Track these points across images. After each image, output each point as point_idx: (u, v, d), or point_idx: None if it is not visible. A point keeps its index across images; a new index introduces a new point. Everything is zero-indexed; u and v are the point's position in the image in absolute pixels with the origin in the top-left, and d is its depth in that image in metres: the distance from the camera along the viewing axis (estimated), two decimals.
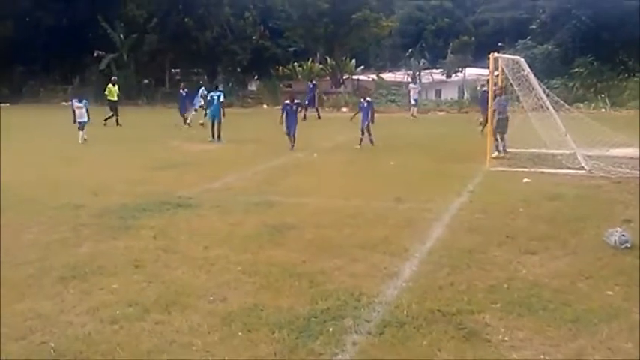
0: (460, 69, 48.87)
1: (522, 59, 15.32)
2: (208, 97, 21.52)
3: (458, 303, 6.02)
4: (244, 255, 7.78)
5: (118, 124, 25.72)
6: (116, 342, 5.29)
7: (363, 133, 18.16)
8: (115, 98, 26.53)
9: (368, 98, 19.22)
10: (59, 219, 9.78)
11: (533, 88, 14.79)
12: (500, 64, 15.32)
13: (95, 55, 36.69)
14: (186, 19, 38.92)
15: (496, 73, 15.43)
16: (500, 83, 16.17)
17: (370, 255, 7.67)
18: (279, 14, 42.36)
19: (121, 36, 37.40)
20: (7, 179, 12.81)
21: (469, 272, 6.97)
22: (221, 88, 22.06)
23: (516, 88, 14.84)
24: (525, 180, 12.55)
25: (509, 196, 11.01)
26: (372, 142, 18.21)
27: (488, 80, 15.51)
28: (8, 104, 31.21)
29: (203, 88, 26.13)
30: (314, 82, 30.34)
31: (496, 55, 14.94)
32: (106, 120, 25.72)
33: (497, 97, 15.40)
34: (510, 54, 21.60)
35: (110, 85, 27.14)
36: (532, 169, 13.55)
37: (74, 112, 20.09)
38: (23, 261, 7.57)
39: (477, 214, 9.72)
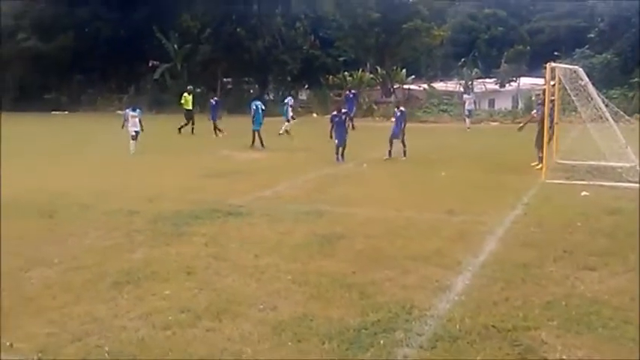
0: (514, 78, 47.98)
1: (580, 69, 14.90)
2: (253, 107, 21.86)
3: (513, 319, 5.85)
4: (294, 264, 7.77)
5: (192, 132, 26.10)
6: (168, 348, 5.35)
7: (391, 145, 17.89)
8: (190, 107, 27.21)
9: (401, 108, 19.04)
10: (114, 225, 10.00)
11: (591, 99, 14.35)
12: (557, 73, 14.95)
13: (150, 64, 37.65)
14: (238, 30, 39.53)
15: (552, 83, 15.04)
16: (557, 93, 15.78)
17: (422, 267, 7.55)
18: (330, 24, 42.53)
19: (175, 46, 38.30)
20: (65, 185, 13.21)
21: (524, 287, 6.77)
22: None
23: (574, 99, 14.44)
24: (584, 193, 12.16)
25: (567, 210, 10.68)
26: (404, 153, 17.94)
27: (544, 90, 15.13)
28: (67, 112, 32.24)
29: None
30: (353, 91, 29.99)
31: (553, 64, 14.57)
32: (180, 128, 26.21)
33: (538, 107, 15.08)
34: (567, 63, 21.13)
35: (185, 94, 27.90)
36: (591, 182, 13.12)
37: (126, 120, 20.45)
38: (81, 265, 7.76)
39: (533, 228, 9.45)
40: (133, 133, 19.69)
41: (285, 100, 26.89)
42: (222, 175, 15.10)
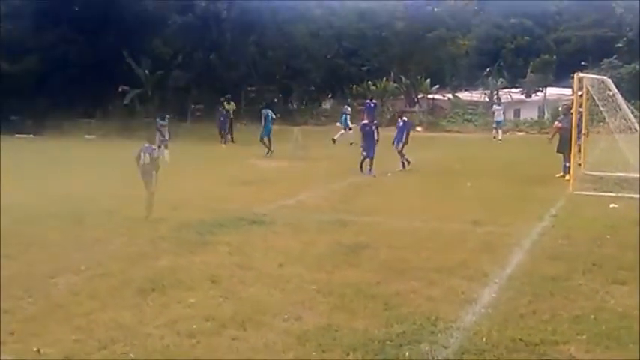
0: (540, 88, 47.43)
1: (608, 79, 14.69)
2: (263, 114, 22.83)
3: (541, 333, 5.75)
4: (318, 274, 7.74)
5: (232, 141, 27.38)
6: (194, 356, 5.36)
7: (402, 155, 17.81)
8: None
9: (404, 118, 18.94)
10: (139, 232, 10.08)
11: (620, 109, 14.14)
12: (585, 83, 14.72)
13: (120, 89, 37.22)
14: (211, 57, 39.30)
15: (580, 93, 14.85)
16: (584, 104, 15.55)
17: (448, 279, 7.47)
18: (354, 33, 42.52)
19: (146, 71, 37.74)
20: (90, 192, 13.38)
21: (552, 301, 6.66)
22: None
23: (602, 109, 14.23)
24: (612, 205, 11.96)
25: (595, 222, 10.51)
26: (403, 164, 17.85)
27: (571, 101, 14.94)
28: (32, 135, 32.19)
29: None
30: (374, 100, 29.38)
31: (580, 74, 14.40)
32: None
33: (562, 117, 14.93)
34: (595, 73, 20.85)
35: (225, 103, 29.24)
36: (619, 194, 12.89)
37: (159, 131, 20.47)
38: (106, 272, 7.82)
39: (560, 240, 9.31)
40: (162, 142, 19.70)
41: (343, 110, 27.52)
42: (246, 183, 15.14)
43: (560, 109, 25.96)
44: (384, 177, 16.65)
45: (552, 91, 49.39)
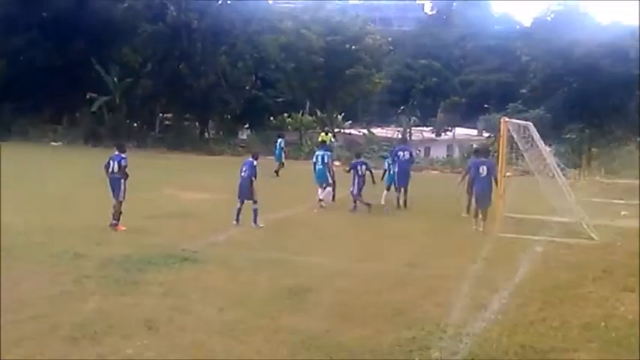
0: (450, 128, 49.37)
1: (531, 124, 15.30)
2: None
3: None
4: (264, 320, 7.37)
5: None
6: None
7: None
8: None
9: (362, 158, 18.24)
10: (60, 269, 9.28)
11: (541, 153, 14.74)
12: (504, 127, 15.00)
13: (87, 97, 36.38)
14: (181, 66, 38.97)
15: (487, 134, 15.35)
16: (502, 147, 15.99)
17: (395, 327, 7.30)
18: (273, 65, 42.64)
19: (115, 79, 37.20)
20: (27, 217, 12.37)
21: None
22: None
23: (525, 155, 14.74)
24: (537, 248, 12.28)
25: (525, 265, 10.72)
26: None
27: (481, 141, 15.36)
28: None
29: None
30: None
31: (506, 119, 14.90)
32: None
33: (473, 159, 15.38)
34: (502, 116, 21.59)
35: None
36: (542, 237, 13.29)
37: None
38: (26, 317, 7.06)
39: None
40: None
41: (278, 142, 26.12)
42: (171, 216, 14.43)
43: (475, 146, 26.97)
44: (310, 212, 16.41)
45: (460, 131, 51.57)
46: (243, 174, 13.86)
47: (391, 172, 17.64)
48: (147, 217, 14.02)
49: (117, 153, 13.09)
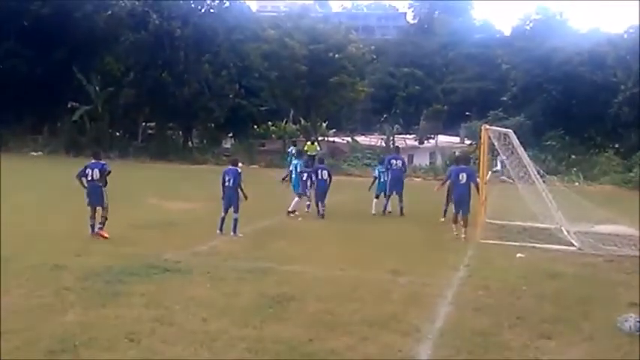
0: (432, 136, 49.67)
1: (511, 131, 15.43)
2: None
3: None
4: (247, 330, 7.33)
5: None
6: None
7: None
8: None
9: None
10: (39, 281, 9.17)
11: (521, 160, 14.86)
12: (485, 134, 15.10)
13: (69, 106, 36.10)
14: (163, 75, 38.85)
15: (469, 142, 15.48)
16: (483, 154, 16.10)
17: (380, 334, 7.30)
18: (257, 73, 42.66)
19: (97, 88, 36.99)
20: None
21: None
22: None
23: (506, 162, 14.87)
24: (519, 255, 12.37)
25: (508, 273, 10.78)
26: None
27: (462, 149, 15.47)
28: None
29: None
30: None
31: (487, 126, 15.02)
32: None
33: (453, 167, 15.56)
34: (482, 124, 21.76)
35: (309, 143, 30.23)
36: (523, 244, 13.39)
37: None
38: (4, 330, 6.96)
39: (480, 291, 9.44)
40: None
41: (290, 149, 26.32)
42: (154, 226, 14.32)
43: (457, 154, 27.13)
44: (295, 221, 16.39)
45: (443, 139, 51.93)
46: (227, 183, 13.80)
47: (382, 180, 17.75)
48: (129, 227, 13.91)
49: (94, 161, 13.13)
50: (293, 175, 17.88)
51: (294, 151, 26.00)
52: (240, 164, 14.55)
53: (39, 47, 35.70)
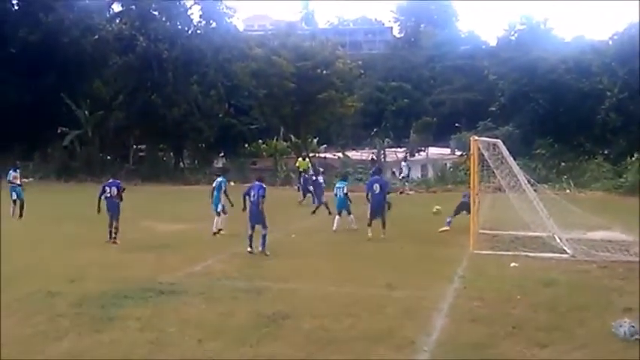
0: (423, 148, 49.84)
1: (500, 141, 15.55)
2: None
3: None
4: (243, 349, 7.34)
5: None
6: None
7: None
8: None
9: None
10: (33, 308, 9.12)
11: (511, 170, 14.97)
12: (474, 146, 15.19)
13: (59, 131, 36.08)
14: (153, 97, 38.94)
15: (459, 153, 15.63)
16: (473, 165, 16.20)
17: (375, 349, 7.31)
18: (245, 92, 42.81)
19: (86, 112, 37.04)
20: None
21: None
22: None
23: (496, 172, 14.96)
24: (513, 264, 12.42)
25: (503, 282, 10.81)
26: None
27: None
28: None
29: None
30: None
31: (476, 137, 15.13)
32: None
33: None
34: (472, 134, 21.92)
35: (300, 159, 30.00)
36: (516, 253, 13.44)
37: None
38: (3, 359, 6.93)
39: (475, 302, 9.46)
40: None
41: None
42: (147, 248, 14.29)
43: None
44: (288, 238, 16.38)
45: (434, 151, 52.08)
46: (252, 199, 13.78)
47: (338, 195, 17.64)
48: (122, 251, 13.90)
49: (111, 180, 15.82)
50: (339, 195, 17.77)
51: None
52: (263, 181, 14.60)
53: (27, 74, 35.77)
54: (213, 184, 17.62)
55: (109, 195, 15.15)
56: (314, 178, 23.65)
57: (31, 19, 36.35)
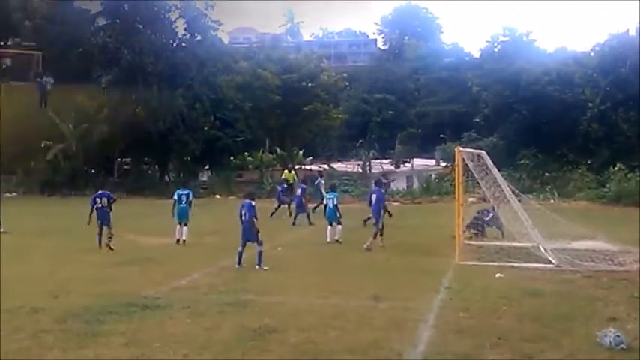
0: (408, 159, 50.04)
1: (484, 152, 15.68)
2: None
3: None
4: None
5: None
6: None
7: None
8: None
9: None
10: (16, 324, 9.00)
11: (495, 180, 15.08)
12: (459, 157, 15.29)
13: (42, 145, 35.73)
14: (137, 110, 38.76)
15: (444, 164, 15.76)
16: (457, 176, 16.29)
17: None
18: (231, 105, 42.78)
19: (70, 126, 36.71)
20: None
21: None
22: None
23: (481, 183, 15.06)
24: (498, 275, 12.48)
25: (488, 293, 10.86)
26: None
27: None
28: None
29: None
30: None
31: (460, 149, 15.24)
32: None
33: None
34: (456, 145, 22.10)
35: (286, 171, 29.86)
36: (501, 263, 13.51)
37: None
38: None
39: (461, 313, 9.49)
40: None
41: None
42: (131, 262, 14.18)
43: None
44: (274, 251, 16.32)
45: (419, 162, 52.30)
46: (243, 217, 13.84)
47: (330, 206, 17.92)
48: (107, 265, 13.79)
49: (101, 192, 16.50)
50: (330, 206, 17.91)
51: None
52: (254, 199, 14.48)
53: None
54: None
55: (100, 205, 15.87)
56: (303, 187, 23.55)
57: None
